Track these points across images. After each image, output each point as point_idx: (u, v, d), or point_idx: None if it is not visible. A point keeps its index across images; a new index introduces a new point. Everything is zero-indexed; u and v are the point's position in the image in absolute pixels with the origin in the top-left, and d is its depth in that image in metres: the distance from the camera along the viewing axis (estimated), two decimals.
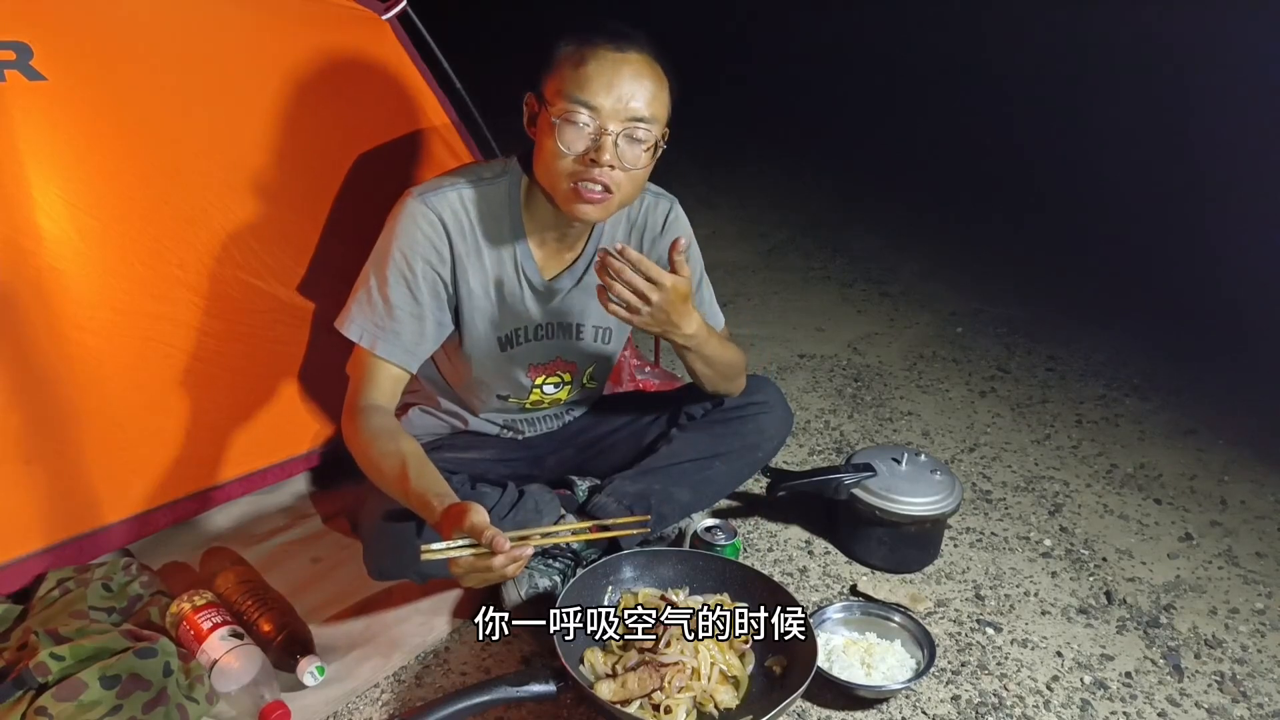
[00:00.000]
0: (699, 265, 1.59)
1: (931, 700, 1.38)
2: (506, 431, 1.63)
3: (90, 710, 1.14)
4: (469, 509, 1.13)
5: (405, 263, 1.34)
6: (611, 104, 1.23)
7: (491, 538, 1.10)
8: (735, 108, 5.95)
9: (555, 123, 1.24)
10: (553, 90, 1.25)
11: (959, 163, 4.63)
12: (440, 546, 1.13)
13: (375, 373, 1.36)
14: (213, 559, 1.60)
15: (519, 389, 1.53)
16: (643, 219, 1.51)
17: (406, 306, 1.35)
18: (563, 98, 1.23)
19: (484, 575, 1.14)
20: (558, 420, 1.67)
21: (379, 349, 1.35)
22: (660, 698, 1.20)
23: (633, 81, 1.23)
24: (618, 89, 1.22)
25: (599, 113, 1.23)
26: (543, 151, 1.28)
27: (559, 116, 1.23)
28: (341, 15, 1.63)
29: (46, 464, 1.43)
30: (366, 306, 1.35)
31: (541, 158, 1.29)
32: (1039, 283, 3.26)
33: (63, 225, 1.37)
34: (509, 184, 1.39)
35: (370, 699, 1.35)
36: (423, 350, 1.39)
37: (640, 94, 1.24)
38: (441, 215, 1.34)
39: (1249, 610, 1.63)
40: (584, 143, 1.24)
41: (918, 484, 1.63)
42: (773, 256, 3.52)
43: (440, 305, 1.39)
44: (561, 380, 1.55)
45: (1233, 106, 4.01)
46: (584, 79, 1.22)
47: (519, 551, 1.12)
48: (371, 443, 1.29)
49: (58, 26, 1.32)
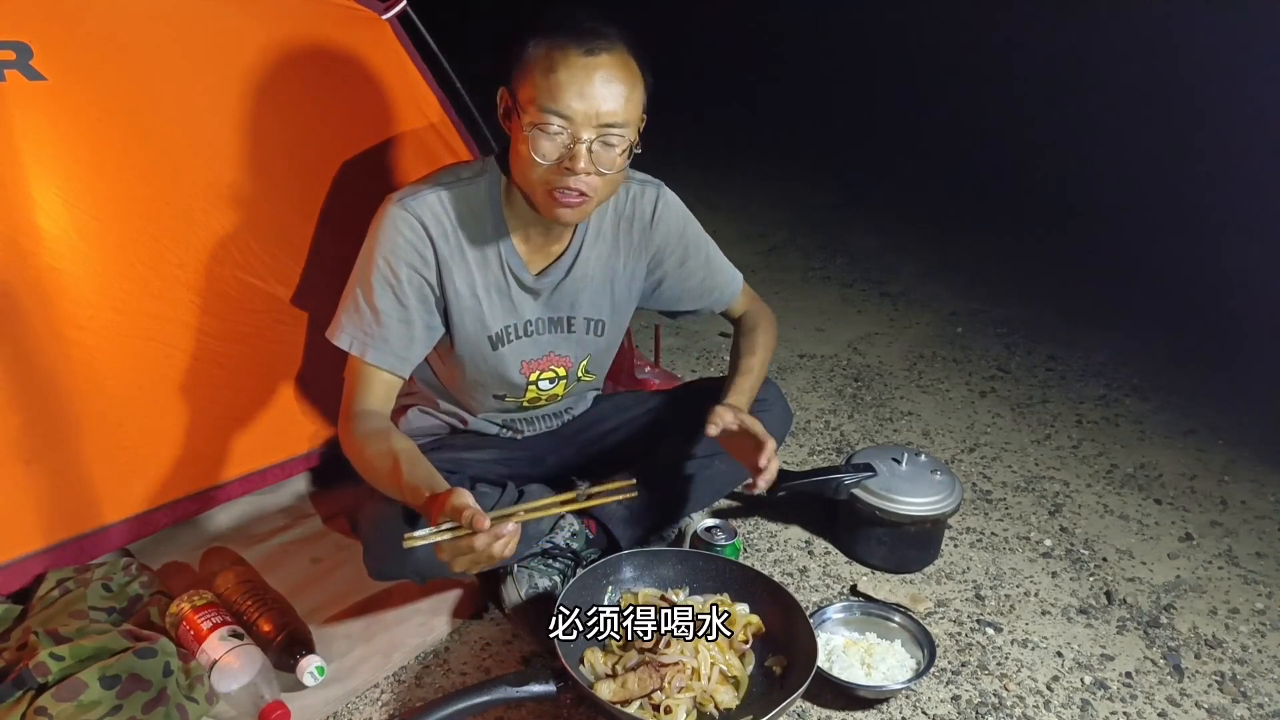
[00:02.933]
0: (701, 238, 1.58)
1: (931, 700, 1.38)
2: (505, 431, 1.63)
3: (90, 710, 1.14)
4: (451, 492, 1.13)
5: (389, 269, 1.34)
6: (584, 111, 1.20)
7: (471, 517, 1.09)
8: (735, 108, 5.96)
9: (528, 132, 1.22)
10: (525, 96, 1.23)
11: (959, 163, 4.63)
12: (423, 533, 1.13)
13: (367, 380, 1.37)
14: (213, 559, 1.60)
15: (514, 388, 1.52)
16: (630, 208, 1.50)
17: (394, 312, 1.35)
18: (535, 106, 1.21)
19: (472, 558, 1.13)
20: (557, 420, 1.67)
21: (369, 356, 1.35)
22: (660, 698, 1.20)
23: (604, 86, 1.20)
24: (590, 96, 1.20)
25: (572, 121, 1.21)
26: (518, 156, 1.28)
27: (532, 125, 1.22)
28: (341, 15, 1.63)
29: (46, 464, 1.43)
30: (355, 315, 1.36)
31: (517, 162, 1.29)
32: (1039, 283, 3.26)
33: (63, 225, 1.37)
34: (488, 183, 1.39)
35: (370, 699, 1.35)
36: (413, 355, 1.39)
37: (612, 99, 1.21)
38: (422, 219, 1.34)
39: (1249, 610, 1.63)
40: (558, 151, 1.23)
41: (918, 484, 1.63)
42: (773, 256, 3.52)
43: (428, 309, 1.39)
44: (556, 375, 1.54)
45: (1235, 108, 4.01)
46: (555, 87, 1.19)
47: (501, 529, 1.11)
48: (365, 444, 1.29)
49: (58, 26, 1.32)
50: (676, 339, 2.70)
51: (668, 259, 1.55)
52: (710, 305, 1.64)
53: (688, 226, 1.55)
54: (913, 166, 4.70)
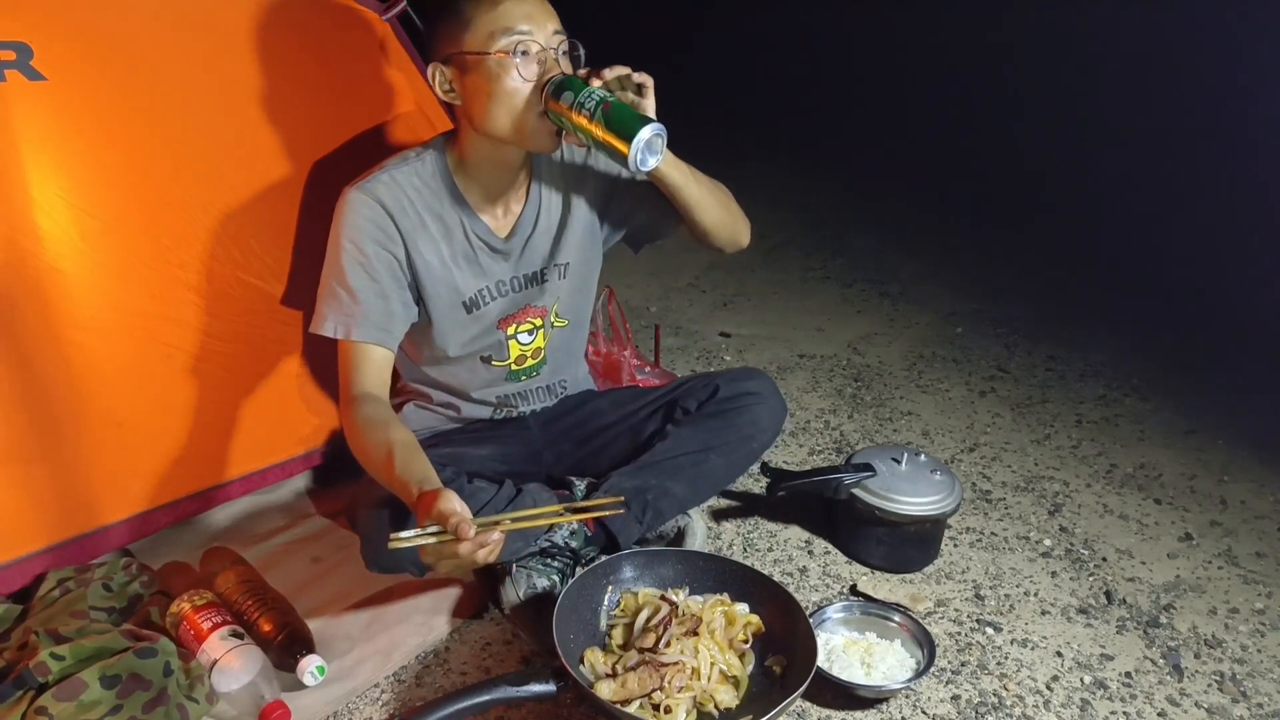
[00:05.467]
0: None
1: (931, 700, 1.39)
2: (501, 410, 1.63)
3: (90, 710, 1.14)
4: (439, 495, 1.13)
5: (356, 249, 1.38)
6: (540, 22, 1.30)
7: (456, 524, 1.09)
8: (735, 108, 5.95)
9: (503, 62, 1.29)
10: (478, 40, 1.29)
11: (959, 162, 4.63)
12: (408, 534, 1.13)
13: (358, 359, 1.39)
14: (213, 559, 1.60)
15: (497, 347, 1.56)
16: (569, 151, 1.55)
17: (368, 288, 1.39)
18: (500, 35, 1.28)
19: (455, 562, 1.13)
20: (550, 394, 1.68)
21: (354, 334, 1.39)
22: (660, 698, 1.20)
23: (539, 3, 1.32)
24: (535, 11, 1.30)
25: (533, 35, 1.29)
26: (494, 98, 1.32)
27: (507, 52, 1.28)
28: (341, 15, 1.63)
29: (46, 464, 1.43)
30: (333, 301, 1.40)
31: (493, 107, 1.33)
32: (1039, 283, 3.26)
33: (63, 225, 1.37)
34: (434, 158, 1.44)
35: (370, 699, 1.36)
36: (395, 327, 1.43)
37: (551, 11, 1.32)
38: (379, 197, 1.39)
39: (1249, 610, 1.63)
40: (535, 67, 1.30)
41: (918, 484, 1.63)
42: (772, 256, 3.52)
43: (400, 285, 1.43)
44: (534, 325, 1.58)
45: (1235, 107, 4.01)
46: (507, 14, 1.28)
47: (485, 537, 1.12)
48: (363, 431, 1.31)
49: (58, 26, 1.32)
50: (676, 339, 2.70)
51: (621, 174, 1.58)
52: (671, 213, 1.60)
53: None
54: (913, 166, 4.70)
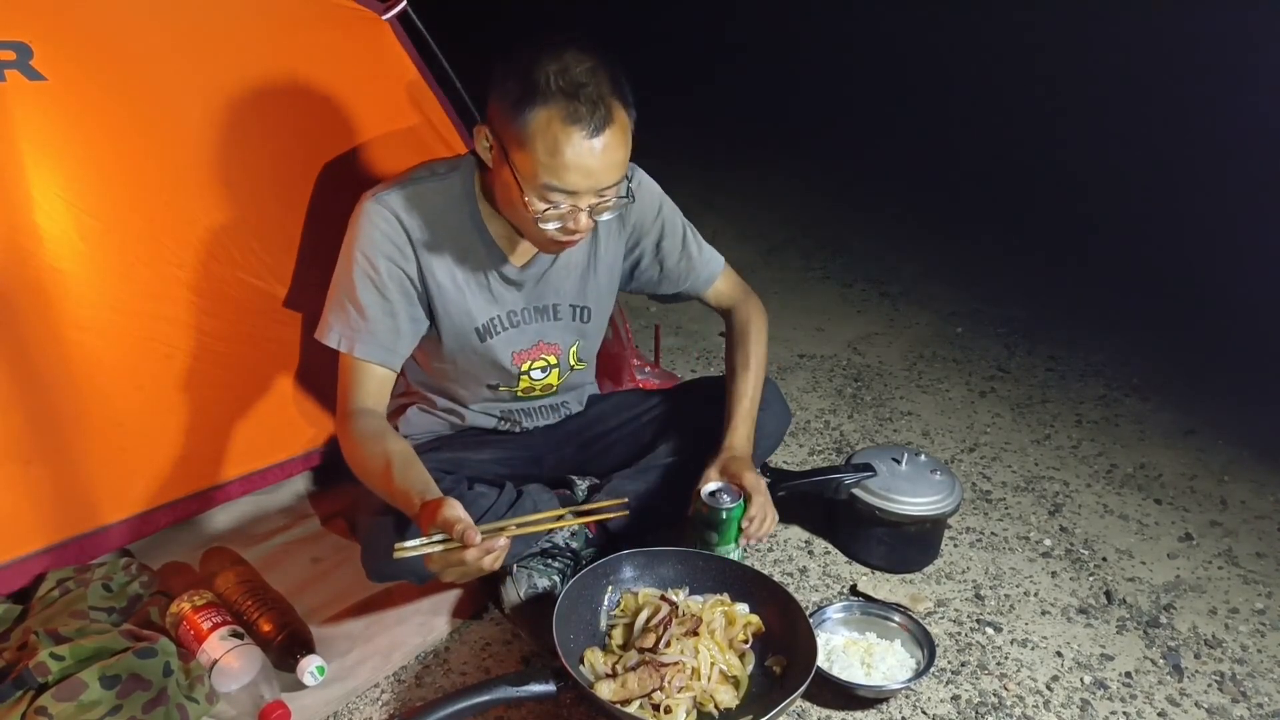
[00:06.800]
0: (677, 218, 1.57)
1: (931, 700, 1.39)
2: (504, 423, 1.63)
3: (90, 710, 1.14)
4: (443, 503, 1.12)
5: (368, 263, 1.35)
6: (588, 186, 1.22)
7: (462, 531, 1.09)
8: (735, 108, 5.95)
9: (529, 198, 1.23)
10: (524, 164, 1.21)
11: (959, 162, 4.63)
12: (414, 544, 1.13)
13: (359, 375, 1.37)
14: (213, 559, 1.60)
15: (507, 377, 1.53)
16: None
17: (377, 305, 1.36)
18: (537, 180, 1.21)
19: (461, 569, 1.13)
20: (555, 413, 1.67)
21: (358, 351, 1.36)
22: (660, 698, 1.20)
23: (607, 159, 1.21)
24: (593, 173, 1.21)
25: (576, 195, 1.23)
26: (512, 205, 1.28)
27: (534, 196, 1.23)
28: (341, 15, 1.63)
29: (46, 464, 1.43)
30: (340, 312, 1.37)
31: (509, 208, 1.31)
32: (1039, 283, 3.26)
33: (63, 225, 1.37)
34: (463, 178, 1.39)
35: (370, 699, 1.36)
36: (401, 347, 1.40)
37: (614, 168, 1.23)
38: (397, 212, 1.35)
39: (1249, 610, 1.64)
40: (560, 219, 1.25)
41: (918, 484, 1.63)
42: (772, 256, 3.52)
43: (410, 301, 1.40)
44: (548, 364, 1.55)
45: (1236, 107, 4.01)
46: (560, 169, 1.19)
47: (491, 544, 1.12)
48: (360, 445, 1.30)
49: (58, 26, 1.32)
50: (676, 339, 2.70)
51: (645, 239, 1.55)
52: (692, 287, 1.61)
53: (663, 205, 1.55)
54: (913, 166, 4.70)
